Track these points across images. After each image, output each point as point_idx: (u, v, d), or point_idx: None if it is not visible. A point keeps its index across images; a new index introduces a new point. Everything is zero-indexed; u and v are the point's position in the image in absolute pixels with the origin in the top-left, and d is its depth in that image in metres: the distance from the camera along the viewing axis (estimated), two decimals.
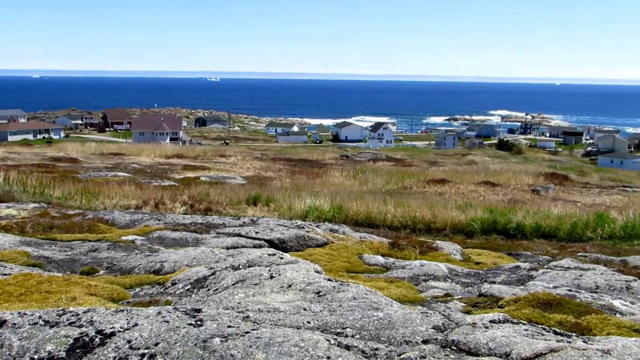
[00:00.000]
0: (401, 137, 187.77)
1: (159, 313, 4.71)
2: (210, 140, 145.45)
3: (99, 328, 4.40)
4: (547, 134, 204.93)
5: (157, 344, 4.13)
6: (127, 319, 4.54)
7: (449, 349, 4.46)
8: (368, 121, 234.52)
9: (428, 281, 9.89)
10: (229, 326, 4.45)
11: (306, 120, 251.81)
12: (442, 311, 6.65)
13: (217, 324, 4.48)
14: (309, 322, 4.99)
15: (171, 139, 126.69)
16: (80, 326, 4.45)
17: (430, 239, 16.67)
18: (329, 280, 6.81)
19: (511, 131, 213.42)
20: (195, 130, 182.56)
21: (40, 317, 4.61)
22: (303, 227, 14.25)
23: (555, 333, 4.97)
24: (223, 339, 4.16)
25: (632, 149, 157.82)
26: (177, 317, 4.64)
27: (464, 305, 7.52)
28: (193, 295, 6.81)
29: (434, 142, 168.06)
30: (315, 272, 7.31)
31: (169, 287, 7.33)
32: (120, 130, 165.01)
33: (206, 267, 7.80)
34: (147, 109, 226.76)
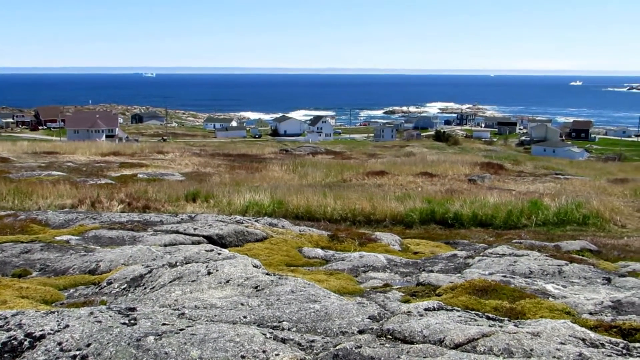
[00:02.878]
0: (340, 130, 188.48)
1: (92, 313, 4.61)
2: (147, 137, 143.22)
3: (29, 331, 4.28)
4: (483, 125, 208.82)
5: (88, 345, 4.04)
6: (57, 321, 4.43)
7: (384, 338, 4.50)
8: (307, 115, 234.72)
9: (367, 272, 9.96)
10: (164, 324, 4.39)
11: (245, 115, 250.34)
12: (381, 301, 6.71)
13: (151, 322, 4.41)
14: (245, 317, 4.96)
15: (107, 137, 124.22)
16: (9, 330, 4.32)
17: (369, 231, 16.79)
18: (267, 274, 6.79)
19: (448, 122, 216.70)
20: (132, 127, 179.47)
21: None
22: (242, 222, 14.17)
23: (488, 318, 5.06)
24: (157, 337, 4.10)
25: (564, 138, 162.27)
26: (110, 316, 4.55)
27: (402, 294, 7.60)
28: (129, 294, 6.70)
29: (372, 135, 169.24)
30: (254, 266, 7.28)
31: (105, 286, 7.19)
32: (53, 128, 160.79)
33: (143, 265, 7.68)
34: (81, 106, 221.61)
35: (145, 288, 6.78)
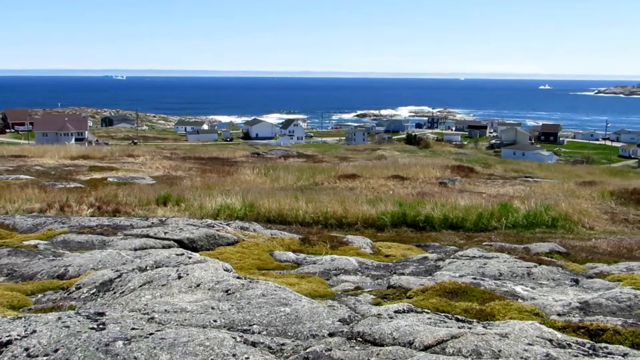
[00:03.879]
0: (312, 134, 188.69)
1: (59, 318, 4.55)
2: (117, 140, 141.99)
3: None
4: (453, 128, 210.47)
5: (56, 350, 4.00)
6: (25, 326, 4.38)
7: (354, 341, 4.52)
8: (279, 118, 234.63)
9: (339, 275, 9.97)
10: (133, 328, 4.36)
11: (216, 118, 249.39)
12: (352, 304, 6.72)
13: (120, 327, 4.37)
14: (215, 321, 4.94)
15: (76, 140, 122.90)
16: None
17: (341, 234, 16.82)
18: (238, 278, 6.77)
19: (419, 126, 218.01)
20: (102, 130, 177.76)
21: None
22: (213, 226, 14.10)
23: (458, 320, 5.11)
24: (126, 342, 4.06)
25: (533, 141, 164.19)
26: (79, 321, 4.50)
27: (373, 297, 7.62)
28: (98, 299, 6.63)
29: (344, 138, 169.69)
30: (225, 270, 7.25)
31: (74, 291, 7.11)
32: (21, 131, 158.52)
33: (112, 269, 7.60)
34: (50, 109, 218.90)
35: (114, 292, 6.72)
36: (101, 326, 4.42)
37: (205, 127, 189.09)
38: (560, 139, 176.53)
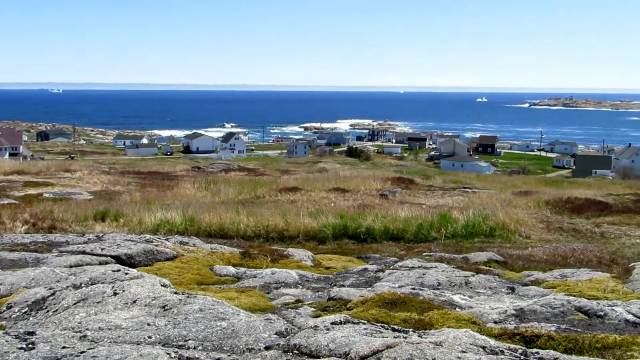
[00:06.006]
0: (253, 147, 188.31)
1: None
2: (54, 155, 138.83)
3: None
4: (394, 140, 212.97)
5: None
6: None
7: (290, 353, 4.50)
8: (219, 132, 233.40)
9: (279, 289, 9.94)
10: (64, 347, 4.24)
11: (156, 132, 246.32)
12: (292, 317, 6.70)
13: (50, 346, 4.25)
14: (150, 337, 4.86)
15: (10, 155, 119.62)
16: None
17: (282, 247, 16.78)
18: (175, 293, 6.68)
19: (359, 138, 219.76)
20: (37, 145, 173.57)
21: None
22: (152, 241, 13.88)
23: (394, 330, 5.14)
24: None
25: (471, 152, 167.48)
26: (7, 341, 4.36)
27: (314, 310, 7.61)
28: (31, 318, 6.44)
29: (285, 151, 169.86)
30: (162, 285, 7.14)
31: (4, 311, 6.88)
32: None
33: (46, 287, 7.40)
34: None
35: (47, 311, 6.53)
36: (30, 346, 4.29)
37: (144, 141, 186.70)
38: (498, 150, 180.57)
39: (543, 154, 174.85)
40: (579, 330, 6.59)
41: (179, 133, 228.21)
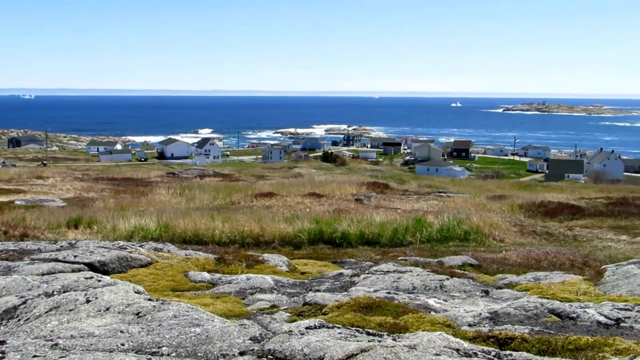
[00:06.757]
0: (228, 153, 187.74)
1: None
2: (26, 162, 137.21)
3: None
4: (369, 145, 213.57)
5: None
6: None
7: (265, 358, 4.49)
8: (195, 137, 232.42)
9: (255, 294, 9.91)
10: (35, 356, 4.19)
11: (130, 138, 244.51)
12: (267, 322, 6.68)
13: (21, 355, 4.20)
14: (123, 344, 4.82)
15: None
16: None
17: (258, 253, 16.74)
18: (149, 300, 6.63)
19: (335, 143, 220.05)
20: (9, 152, 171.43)
21: None
22: (126, 248, 13.76)
23: (369, 334, 5.15)
24: None
25: (446, 157, 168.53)
26: None
27: (289, 315, 7.60)
28: (1, 327, 6.35)
29: (261, 157, 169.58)
30: (136, 292, 7.09)
31: None
32: None
33: (17, 296, 7.29)
34: None
35: (19, 320, 6.45)
36: (1, 355, 4.23)
37: (118, 147, 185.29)
38: (472, 154, 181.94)
39: (517, 158, 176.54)
40: (552, 332, 6.65)
41: (153, 139, 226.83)
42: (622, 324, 7.12)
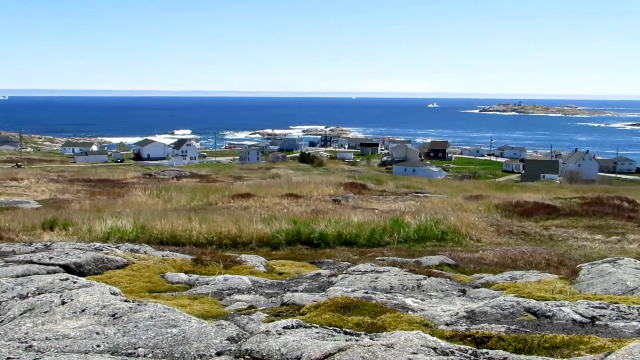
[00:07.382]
0: (205, 154, 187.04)
1: None
2: (0, 163, 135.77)
3: None
4: (346, 146, 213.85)
5: None
6: None
7: (242, 358, 4.48)
8: (171, 138, 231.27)
9: (232, 295, 9.87)
10: (8, 358, 4.14)
11: (106, 139, 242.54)
12: (244, 323, 6.66)
13: None
14: (99, 346, 4.77)
15: None
16: None
17: (235, 253, 16.69)
18: (126, 301, 6.58)
19: (312, 144, 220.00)
20: None
21: None
22: (102, 249, 13.63)
23: (346, 333, 5.16)
24: None
25: (423, 158, 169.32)
26: None
27: (267, 315, 7.58)
28: None
29: (238, 158, 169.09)
30: (112, 294, 7.03)
31: None
32: None
33: None
34: None
35: None
36: None
37: (94, 148, 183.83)
38: (449, 155, 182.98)
39: (493, 158, 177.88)
40: (528, 330, 6.70)
41: (129, 140, 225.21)
42: (597, 322, 7.18)
